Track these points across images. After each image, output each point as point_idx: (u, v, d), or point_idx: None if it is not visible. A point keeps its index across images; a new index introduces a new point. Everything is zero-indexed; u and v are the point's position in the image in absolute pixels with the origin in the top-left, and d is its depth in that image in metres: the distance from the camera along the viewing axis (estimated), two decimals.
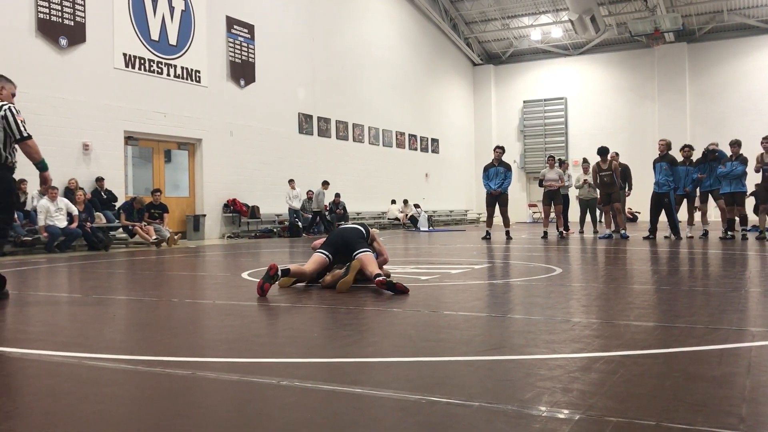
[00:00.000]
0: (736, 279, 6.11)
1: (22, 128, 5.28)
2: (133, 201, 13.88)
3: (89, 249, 12.60)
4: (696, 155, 13.01)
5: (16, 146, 5.38)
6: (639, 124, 28.18)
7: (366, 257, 5.56)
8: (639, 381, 2.57)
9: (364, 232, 5.96)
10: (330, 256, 5.78)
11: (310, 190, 19.49)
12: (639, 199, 22.68)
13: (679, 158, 12.86)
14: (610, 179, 13.25)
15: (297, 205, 18.45)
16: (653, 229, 12.51)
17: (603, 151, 13.42)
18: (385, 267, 6.21)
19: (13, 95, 5.60)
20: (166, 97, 15.85)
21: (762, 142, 11.73)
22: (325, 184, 19.73)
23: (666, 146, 12.70)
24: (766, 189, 11.63)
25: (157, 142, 16.20)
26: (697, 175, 12.58)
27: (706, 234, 12.68)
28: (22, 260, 10.30)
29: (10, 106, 5.33)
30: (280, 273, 5.34)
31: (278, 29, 19.53)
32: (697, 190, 12.88)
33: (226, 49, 17.65)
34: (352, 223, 6.28)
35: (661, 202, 12.57)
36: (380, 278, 5.21)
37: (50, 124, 13.35)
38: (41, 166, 5.40)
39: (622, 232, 13.08)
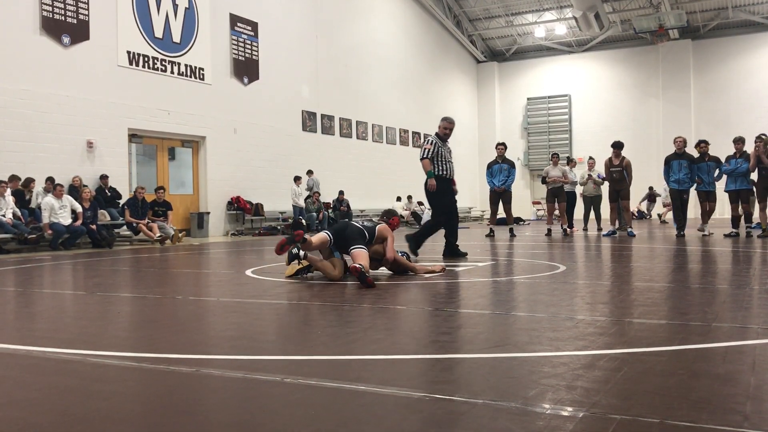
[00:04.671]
0: (741, 276, 6.09)
1: (422, 152, 8.19)
2: (136, 192, 13.91)
3: (93, 246, 12.62)
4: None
5: (451, 161, 8.33)
6: (643, 122, 28.10)
7: (357, 253, 5.92)
8: (643, 378, 2.57)
9: (368, 235, 6.24)
10: (331, 237, 6.15)
11: (316, 192, 19.43)
12: (640, 197, 22.70)
13: (695, 155, 12.60)
14: (620, 175, 13.08)
15: (302, 202, 18.45)
16: (682, 226, 12.34)
17: (618, 145, 13.13)
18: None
19: (447, 129, 8.33)
20: (170, 94, 15.87)
21: (755, 141, 11.60)
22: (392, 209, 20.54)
23: (684, 143, 12.54)
24: (764, 187, 11.55)
25: (161, 139, 16.21)
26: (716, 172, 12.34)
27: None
28: (27, 257, 10.33)
29: (428, 139, 8.32)
30: (300, 251, 5.82)
31: (282, 27, 19.52)
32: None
33: (229, 47, 17.66)
34: (365, 222, 6.52)
35: (682, 198, 12.43)
36: (356, 266, 5.59)
37: (54, 121, 13.38)
38: (428, 175, 8.09)
39: (629, 230, 12.98)
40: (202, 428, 2.11)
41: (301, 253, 5.86)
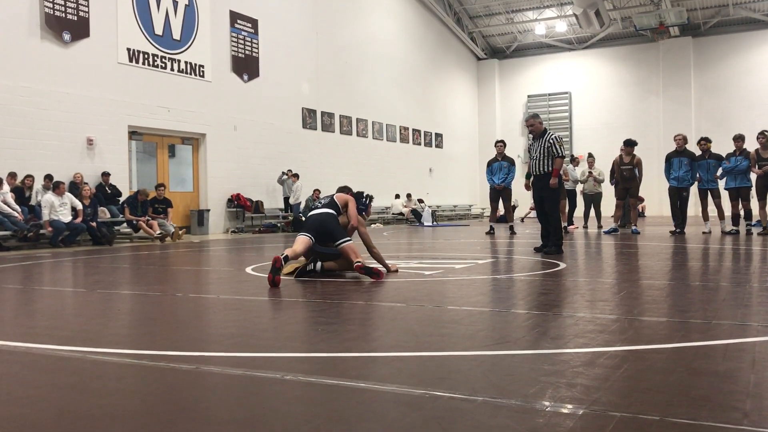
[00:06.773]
0: (741, 274, 6.09)
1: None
2: (138, 193, 13.90)
3: (93, 244, 12.62)
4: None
5: (533, 158, 8.62)
6: (643, 119, 28.09)
7: (348, 247, 6.07)
8: (643, 376, 2.57)
9: (333, 209, 6.35)
10: (312, 237, 6.17)
11: (316, 189, 19.35)
12: (643, 194, 22.66)
13: (696, 152, 12.48)
14: (630, 173, 12.96)
15: (301, 199, 18.41)
16: (682, 223, 12.29)
17: (630, 143, 12.98)
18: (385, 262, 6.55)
19: (527, 125, 8.80)
20: (170, 91, 15.85)
21: (758, 138, 11.59)
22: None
23: (684, 140, 12.49)
24: (764, 185, 11.53)
25: (161, 136, 16.20)
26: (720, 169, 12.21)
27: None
28: (27, 255, 10.33)
29: (554, 135, 8.65)
30: (283, 262, 5.64)
31: (282, 24, 19.50)
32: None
33: (229, 44, 17.64)
34: (321, 201, 6.54)
35: (681, 196, 12.39)
36: (358, 264, 5.79)
37: (54, 118, 13.37)
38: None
39: (633, 227, 12.93)
40: (201, 425, 2.11)
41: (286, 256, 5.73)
